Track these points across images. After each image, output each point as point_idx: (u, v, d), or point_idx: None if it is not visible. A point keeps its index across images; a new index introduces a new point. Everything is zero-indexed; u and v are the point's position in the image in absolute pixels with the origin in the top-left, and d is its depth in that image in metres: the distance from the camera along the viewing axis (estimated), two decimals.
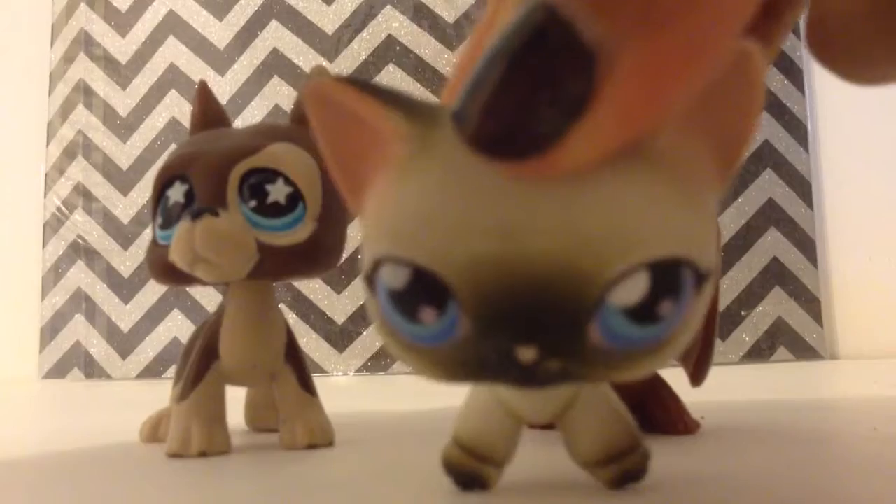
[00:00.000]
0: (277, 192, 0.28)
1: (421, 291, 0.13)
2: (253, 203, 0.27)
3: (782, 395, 0.26)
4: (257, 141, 0.28)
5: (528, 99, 0.11)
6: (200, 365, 0.29)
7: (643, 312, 0.13)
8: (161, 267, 0.28)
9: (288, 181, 0.28)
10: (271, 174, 0.28)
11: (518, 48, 0.11)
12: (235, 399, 0.34)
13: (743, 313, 0.83)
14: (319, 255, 0.28)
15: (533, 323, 0.13)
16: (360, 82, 0.14)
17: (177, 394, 0.30)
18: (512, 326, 0.13)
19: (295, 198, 0.28)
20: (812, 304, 0.83)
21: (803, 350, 0.83)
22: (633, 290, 0.13)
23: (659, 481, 0.21)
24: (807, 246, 0.84)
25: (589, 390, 0.19)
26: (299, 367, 0.30)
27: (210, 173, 0.27)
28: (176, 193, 0.28)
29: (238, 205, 0.27)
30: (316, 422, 0.29)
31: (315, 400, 0.30)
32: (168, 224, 0.28)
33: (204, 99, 0.31)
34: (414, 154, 0.14)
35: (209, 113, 0.31)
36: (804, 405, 0.37)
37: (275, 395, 0.30)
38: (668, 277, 0.13)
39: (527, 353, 0.13)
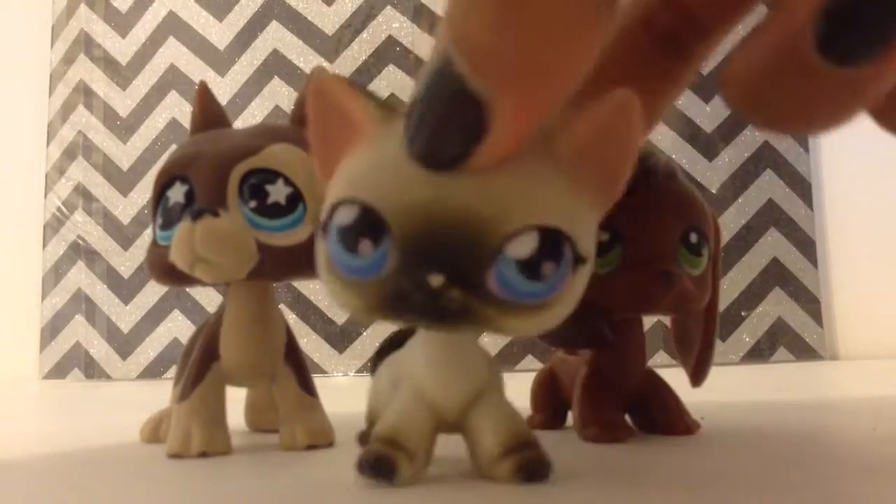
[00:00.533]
0: (277, 192, 0.28)
1: (364, 225, 0.17)
2: (253, 203, 0.27)
3: (782, 396, 0.26)
4: (257, 141, 0.28)
5: (439, 131, 0.16)
6: (201, 365, 0.29)
7: (530, 267, 0.17)
8: (161, 267, 0.28)
9: (288, 182, 0.28)
10: (271, 175, 0.28)
11: (427, 95, 0.16)
12: (235, 400, 0.34)
13: (743, 314, 0.83)
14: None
15: (444, 256, 0.17)
16: (355, 84, 0.19)
17: (177, 394, 0.30)
18: (428, 258, 0.17)
19: (295, 198, 0.28)
20: (812, 304, 0.83)
21: (803, 350, 0.83)
22: (525, 245, 0.17)
23: (659, 481, 0.21)
24: (807, 246, 0.84)
25: (490, 394, 0.21)
26: (299, 368, 0.30)
27: (210, 174, 0.27)
28: (176, 194, 0.28)
29: (238, 205, 0.27)
30: (316, 422, 0.29)
31: (315, 401, 0.30)
32: (168, 224, 0.28)
33: (204, 100, 0.31)
34: (379, 131, 0.18)
35: (209, 114, 0.31)
36: (804, 405, 0.37)
37: (275, 396, 0.30)
38: (552, 244, 0.17)
39: (436, 279, 0.16)
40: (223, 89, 0.92)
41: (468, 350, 0.22)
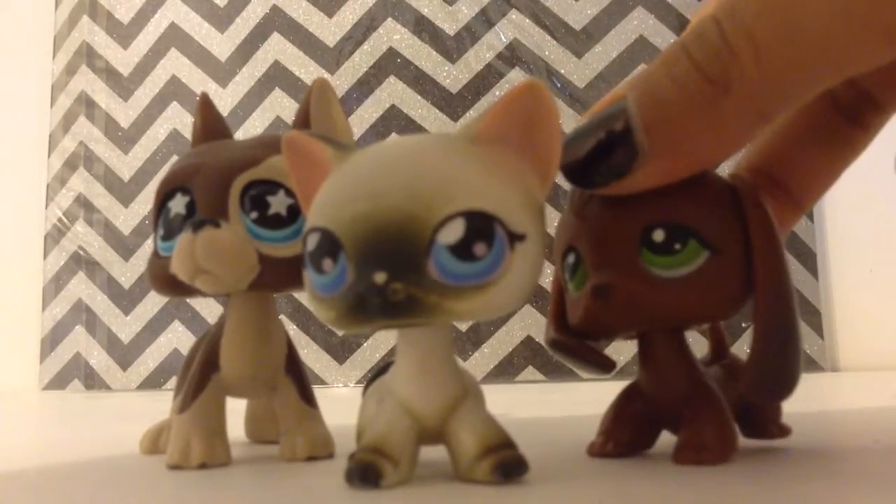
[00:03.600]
0: (278, 203, 0.28)
1: (324, 247, 0.20)
2: (254, 215, 0.27)
3: (783, 407, 0.26)
4: (258, 153, 0.28)
5: (594, 163, 0.21)
6: (201, 376, 0.29)
7: (462, 250, 0.19)
8: (162, 279, 0.28)
9: (289, 193, 0.28)
10: (273, 186, 0.28)
11: (600, 130, 0.21)
12: (235, 411, 0.34)
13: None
14: None
15: (385, 256, 0.19)
16: (315, 133, 0.24)
17: (177, 405, 0.30)
18: (373, 261, 0.19)
19: (295, 210, 0.28)
20: (813, 316, 0.83)
21: (804, 362, 0.83)
22: (453, 231, 0.19)
23: (657, 491, 0.21)
24: (807, 258, 0.84)
25: (466, 402, 0.23)
26: (300, 379, 0.30)
27: (211, 185, 0.28)
28: (177, 205, 0.28)
29: (240, 216, 0.27)
30: (316, 434, 0.29)
31: (316, 412, 0.30)
32: (169, 236, 0.28)
33: (205, 111, 0.32)
34: (334, 168, 0.22)
35: (210, 125, 0.31)
36: (805, 417, 0.37)
37: (275, 407, 0.30)
38: (481, 225, 0.19)
39: (379, 276, 0.19)
40: (224, 100, 0.92)
41: (441, 363, 0.23)
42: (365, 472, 0.21)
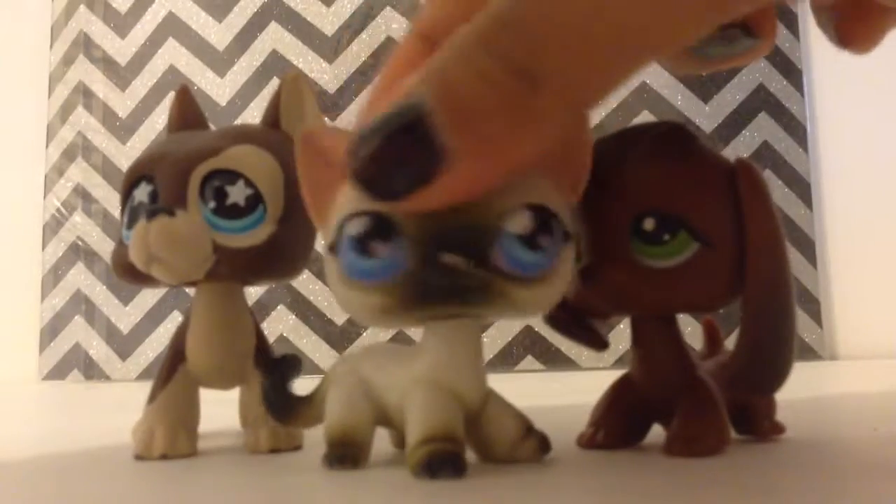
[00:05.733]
0: (236, 193, 0.28)
1: (375, 230, 0.20)
2: (212, 204, 0.27)
3: (782, 396, 0.26)
4: (221, 143, 0.28)
5: (389, 167, 0.18)
6: (168, 367, 0.29)
7: (531, 239, 0.20)
8: (122, 266, 0.28)
9: (249, 183, 0.28)
10: (233, 176, 0.28)
11: (393, 130, 0.17)
12: (232, 400, 0.34)
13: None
14: (278, 257, 0.28)
15: (456, 239, 0.19)
16: (336, 128, 0.23)
17: (148, 395, 0.30)
18: (442, 243, 0.19)
19: (255, 200, 0.28)
20: (812, 304, 0.83)
21: (803, 350, 0.83)
22: (522, 221, 0.19)
23: (657, 483, 0.21)
24: (806, 247, 0.84)
25: (494, 393, 0.23)
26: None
27: (172, 174, 0.28)
28: (141, 193, 0.28)
29: (198, 206, 0.27)
30: (280, 426, 0.29)
31: None
32: (132, 223, 0.28)
33: (182, 101, 0.32)
34: None
35: (186, 115, 0.32)
36: (804, 405, 0.37)
37: (243, 399, 0.30)
38: (544, 218, 0.20)
39: (451, 258, 0.19)
40: (222, 90, 0.92)
41: (479, 351, 0.23)
42: (450, 463, 0.21)
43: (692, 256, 0.23)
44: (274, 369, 0.27)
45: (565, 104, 0.18)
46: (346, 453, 0.23)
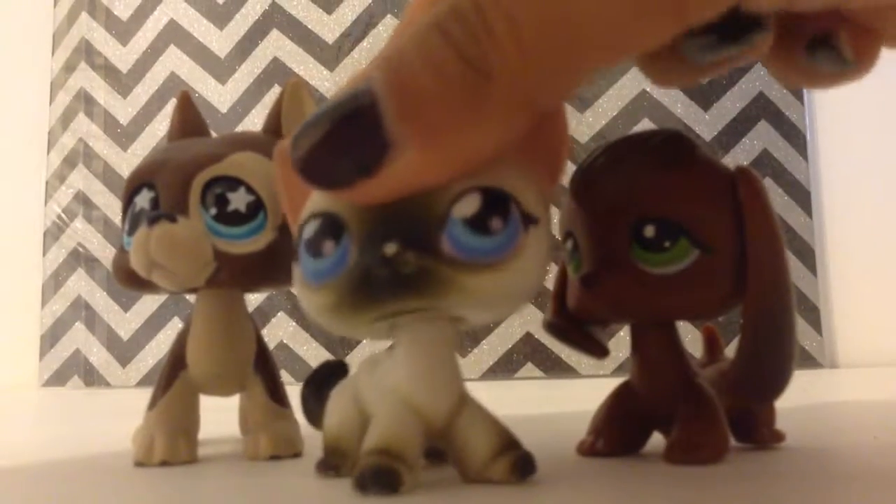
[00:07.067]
0: (238, 200, 0.28)
1: (325, 230, 0.19)
2: (214, 211, 0.28)
3: (782, 404, 0.26)
4: (222, 150, 0.28)
5: (333, 155, 0.17)
6: (169, 374, 0.29)
7: (478, 223, 0.18)
8: (124, 272, 0.28)
9: (250, 190, 0.28)
10: (234, 183, 0.28)
11: (338, 117, 0.17)
12: (231, 408, 0.34)
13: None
14: (279, 264, 0.28)
15: (396, 228, 0.18)
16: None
17: (149, 402, 0.30)
18: (381, 233, 0.18)
19: (256, 207, 0.28)
20: (811, 312, 0.83)
21: (803, 358, 0.83)
22: (469, 204, 0.18)
23: (657, 491, 0.21)
24: (806, 255, 0.84)
25: (469, 401, 0.22)
26: (269, 378, 0.30)
27: (174, 181, 0.28)
28: (142, 200, 0.28)
29: (200, 212, 0.27)
30: (281, 432, 0.29)
31: (285, 410, 0.30)
32: (133, 230, 0.28)
33: (184, 108, 0.32)
34: None
35: (187, 122, 0.32)
36: (804, 413, 0.37)
37: (243, 405, 0.30)
38: (496, 201, 0.18)
39: (389, 247, 0.18)
40: (223, 97, 0.92)
41: (449, 361, 0.22)
42: (381, 478, 0.19)
43: (692, 264, 0.23)
44: (315, 375, 0.27)
45: (518, 100, 0.17)
46: (335, 462, 0.23)
